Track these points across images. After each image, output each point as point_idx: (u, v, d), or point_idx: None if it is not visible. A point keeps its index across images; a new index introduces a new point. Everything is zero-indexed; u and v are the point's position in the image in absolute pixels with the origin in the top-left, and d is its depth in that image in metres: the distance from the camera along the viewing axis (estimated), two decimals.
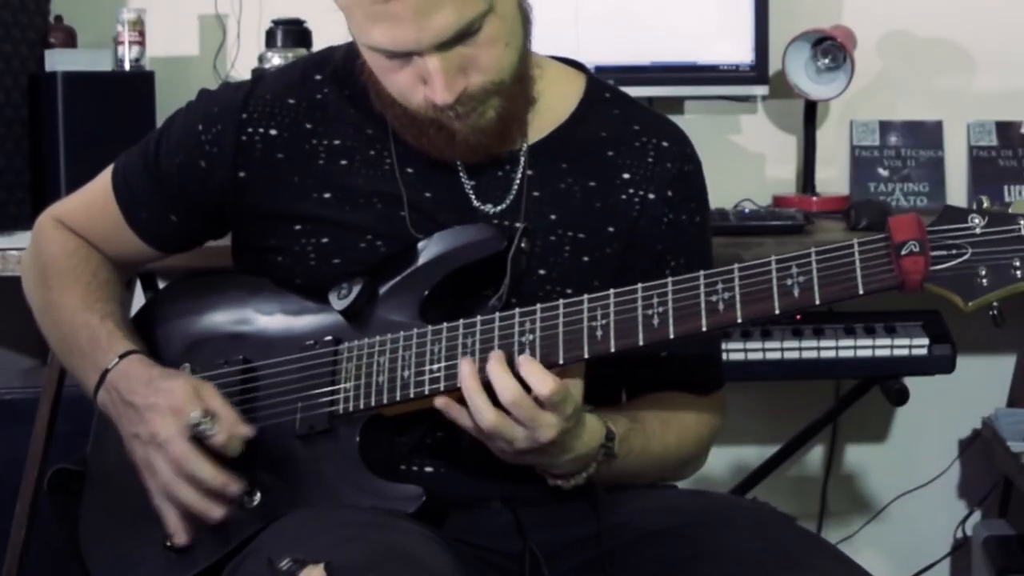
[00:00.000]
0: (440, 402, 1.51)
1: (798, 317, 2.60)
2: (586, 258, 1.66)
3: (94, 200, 1.81)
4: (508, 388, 1.46)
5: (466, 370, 1.49)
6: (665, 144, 1.70)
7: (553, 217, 1.66)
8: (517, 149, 1.67)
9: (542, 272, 1.64)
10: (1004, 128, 3.01)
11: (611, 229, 1.67)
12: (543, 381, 1.46)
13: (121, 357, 1.66)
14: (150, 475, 1.60)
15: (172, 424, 1.57)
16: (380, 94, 1.62)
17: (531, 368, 1.47)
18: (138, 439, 1.61)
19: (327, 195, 1.67)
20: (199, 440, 1.56)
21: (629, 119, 1.71)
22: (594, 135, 1.69)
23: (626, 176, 1.68)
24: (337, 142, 1.68)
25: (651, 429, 1.64)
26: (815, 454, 3.13)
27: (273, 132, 1.69)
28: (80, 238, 1.81)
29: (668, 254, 1.69)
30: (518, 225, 1.63)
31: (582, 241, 1.66)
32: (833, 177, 3.04)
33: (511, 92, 1.59)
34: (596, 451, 1.56)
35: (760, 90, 2.89)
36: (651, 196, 1.68)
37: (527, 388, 1.47)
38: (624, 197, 1.68)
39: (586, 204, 1.67)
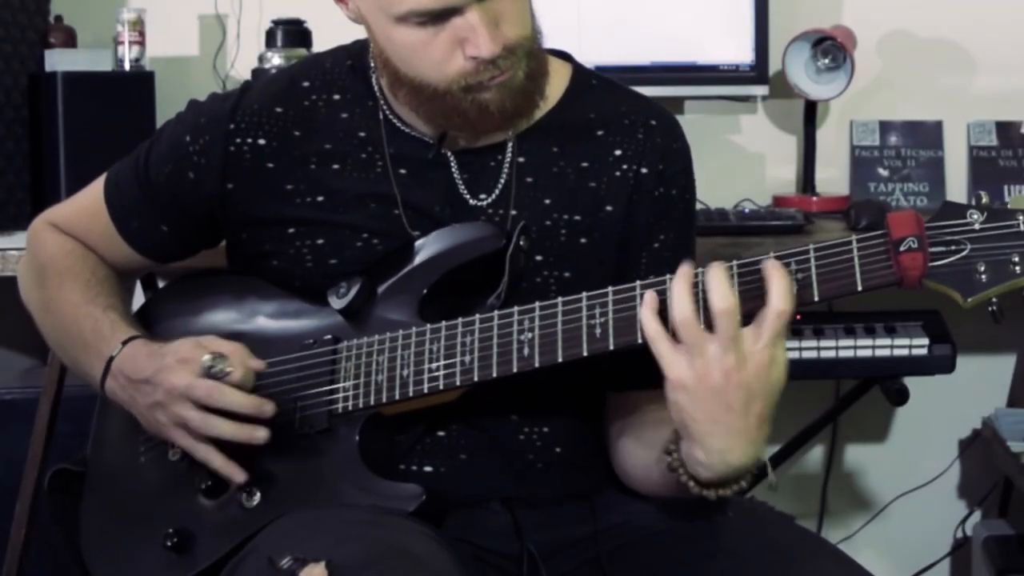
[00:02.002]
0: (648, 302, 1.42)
1: (798, 317, 2.59)
2: (583, 240, 1.65)
3: (87, 208, 1.81)
4: (722, 286, 1.36)
5: (684, 271, 1.40)
6: (654, 122, 1.70)
7: (547, 201, 1.66)
8: (506, 138, 1.66)
9: (539, 258, 1.64)
10: (1004, 128, 3.02)
11: (609, 208, 1.66)
12: (783, 295, 1.37)
13: (124, 344, 1.66)
14: (183, 431, 1.59)
15: (187, 373, 1.57)
16: (400, 80, 1.61)
17: (777, 275, 1.38)
18: (159, 406, 1.60)
19: (320, 198, 1.67)
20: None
21: (617, 101, 1.71)
22: (583, 117, 1.69)
23: (618, 153, 1.68)
24: (328, 146, 1.68)
25: None
26: (815, 454, 3.13)
27: (261, 141, 1.69)
28: (76, 240, 1.81)
29: (658, 228, 1.68)
30: (513, 213, 1.63)
31: (578, 223, 1.66)
32: (833, 177, 3.04)
33: (533, 50, 1.60)
34: (754, 462, 1.45)
35: (760, 90, 2.89)
36: (644, 170, 1.67)
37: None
38: (618, 174, 1.67)
39: (580, 185, 1.67)
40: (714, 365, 1.38)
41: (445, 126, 1.63)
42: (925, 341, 2.55)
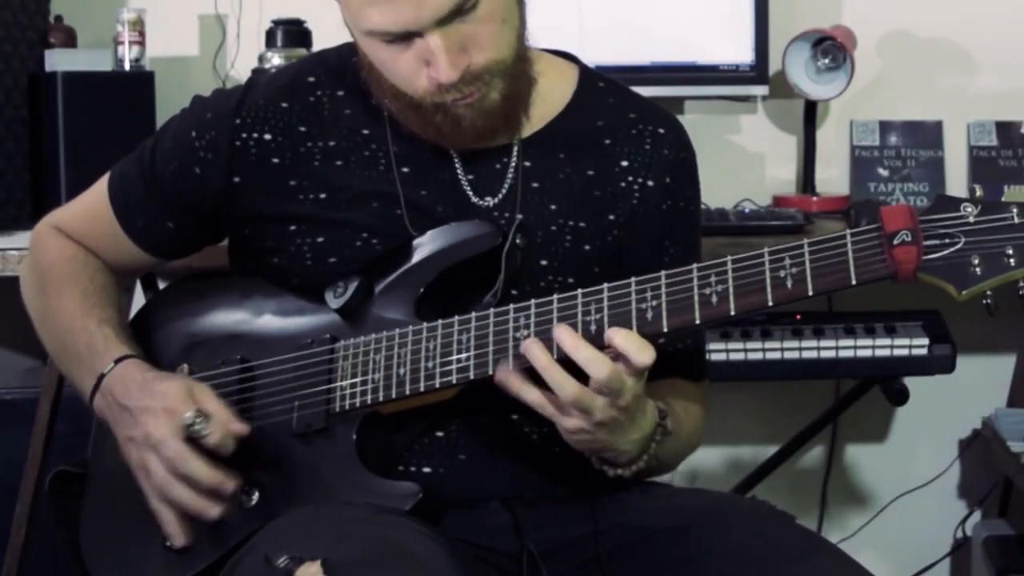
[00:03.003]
0: (500, 376, 1.50)
1: (798, 317, 2.60)
2: (587, 247, 1.66)
3: (91, 208, 1.81)
4: (593, 359, 1.45)
5: (536, 349, 1.47)
6: (662, 131, 1.70)
7: (553, 207, 1.66)
8: (512, 141, 1.67)
9: (544, 263, 1.64)
10: (1004, 128, 3.02)
11: (612, 217, 1.67)
12: (643, 350, 1.45)
13: (117, 362, 1.66)
14: (145, 477, 1.60)
15: (166, 425, 1.56)
16: (382, 87, 1.62)
17: (629, 338, 1.46)
18: (132, 442, 1.61)
19: (322, 195, 1.67)
20: (194, 441, 1.56)
21: (625, 107, 1.72)
22: (590, 124, 1.70)
23: (624, 164, 1.68)
24: (332, 143, 1.68)
25: (677, 411, 1.64)
26: (815, 454, 3.12)
27: (267, 136, 1.69)
28: (78, 244, 1.81)
29: (667, 240, 1.69)
30: (518, 217, 1.64)
31: (583, 230, 1.66)
32: (833, 177, 3.04)
33: (512, 73, 1.59)
34: (655, 428, 1.56)
35: (760, 90, 2.89)
36: (650, 183, 1.68)
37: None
38: (623, 184, 1.68)
39: (585, 193, 1.67)
40: (606, 412, 1.48)
41: (423, 135, 1.63)
42: (925, 341, 2.54)
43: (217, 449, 1.56)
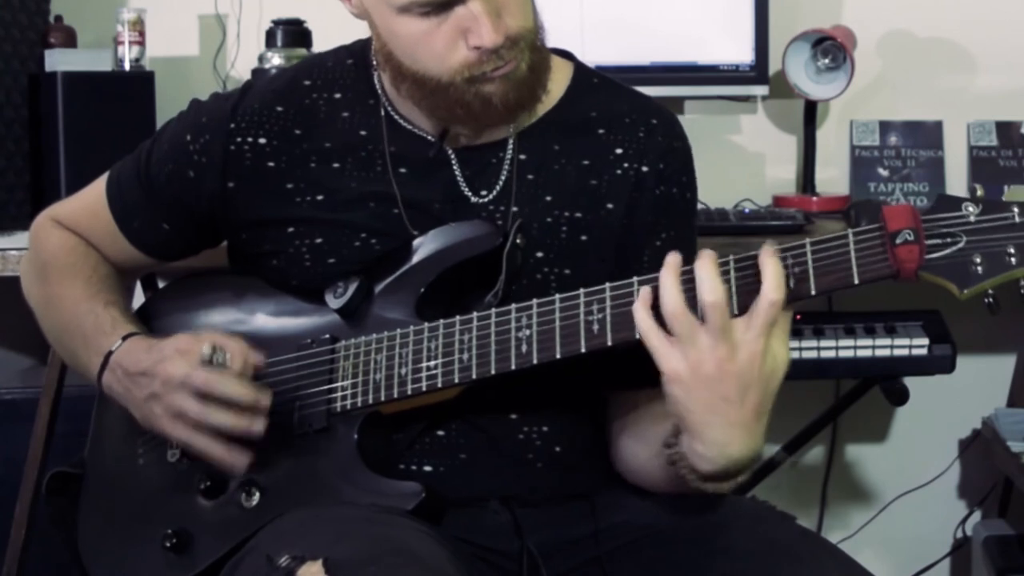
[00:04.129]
0: (641, 297, 1.42)
1: (798, 316, 2.60)
2: (584, 237, 1.66)
3: (89, 206, 1.81)
4: (712, 277, 1.38)
5: (671, 262, 1.42)
6: (654, 121, 1.70)
7: (548, 199, 1.66)
8: (507, 136, 1.67)
9: (540, 255, 1.64)
10: (1004, 128, 3.02)
11: (610, 206, 1.67)
12: (777, 281, 1.38)
13: (124, 339, 1.66)
14: (179, 422, 1.57)
15: (185, 363, 1.56)
16: (403, 74, 1.60)
17: (771, 263, 1.40)
18: (155, 398, 1.59)
19: (320, 197, 1.67)
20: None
21: (618, 100, 1.72)
22: (584, 115, 1.70)
23: (619, 151, 1.68)
24: (328, 145, 1.68)
25: None
26: (815, 454, 3.12)
27: (262, 141, 1.69)
28: (79, 236, 1.82)
29: (659, 227, 1.68)
30: (514, 209, 1.64)
31: (579, 220, 1.66)
32: (833, 177, 3.04)
33: (535, 43, 1.60)
34: (756, 455, 1.45)
35: (760, 90, 2.90)
36: (644, 168, 1.68)
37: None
38: (619, 172, 1.68)
39: (581, 183, 1.67)
40: (707, 356, 1.38)
41: (448, 120, 1.63)
42: (925, 341, 2.54)
43: (240, 375, 1.56)
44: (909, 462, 3.11)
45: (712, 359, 1.38)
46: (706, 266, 1.39)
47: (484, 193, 1.66)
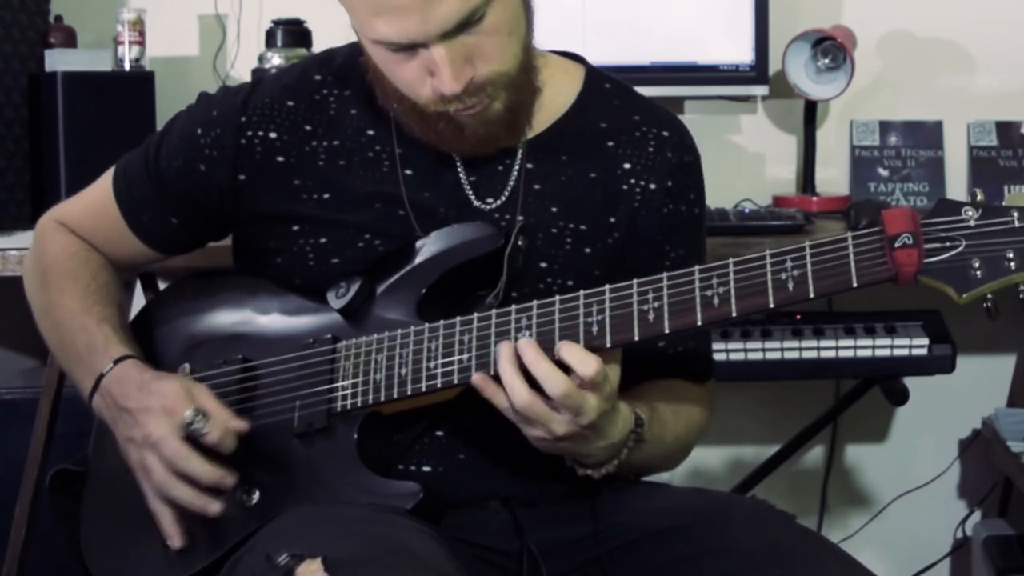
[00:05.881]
0: (477, 378, 1.50)
1: (798, 317, 2.60)
2: (588, 250, 1.66)
3: (96, 202, 1.81)
4: (550, 374, 1.46)
5: (505, 351, 1.48)
6: (665, 134, 1.70)
7: (554, 209, 1.66)
8: (516, 145, 1.67)
9: (543, 265, 1.64)
10: (1004, 128, 3.01)
11: (612, 219, 1.67)
12: (586, 362, 1.45)
13: (116, 362, 1.66)
14: (145, 477, 1.60)
15: (165, 424, 1.57)
16: (386, 89, 1.62)
17: (572, 351, 1.46)
18: (132, 442, 1.61)
19: (326, 196, 1.67)
20: (194, 440, 1.56)
21: (629, 109, 1.72)
22: (594, 126, 1.69)
23: (627, 166, 1.68)
24: (336, 143, 1.68)
25: (665, 416, 1.64)
26: (815, 454, 3.12)
27: (272, 135, 1.69)
28: (81, 240, 1.82)
29: (667, 245, 1.69)
30: (519, 218, 1.64)
31: (583, 233, 1.66)
32: (833, 177, 3.03)
33: (517, 84, 1.59)
34: (628, 436, 1.55)
35: (760, 90, 2.89)
36: (652, 186, 1.68)
37: (566, 372, 1.46)
38: (625, 187, 1.68)
39: (587, 196, 1.67)
40: (565, 427, 1.48)
41: (425, 139, 1.63)
42: (925, 341, 2.54)
43: (216, 446, 1.56)
44: (909, 462, 3.11)
45: (570, 427, 1.48)
46: (542, 366, 1.46)
47: (490, 200, 1.66)
